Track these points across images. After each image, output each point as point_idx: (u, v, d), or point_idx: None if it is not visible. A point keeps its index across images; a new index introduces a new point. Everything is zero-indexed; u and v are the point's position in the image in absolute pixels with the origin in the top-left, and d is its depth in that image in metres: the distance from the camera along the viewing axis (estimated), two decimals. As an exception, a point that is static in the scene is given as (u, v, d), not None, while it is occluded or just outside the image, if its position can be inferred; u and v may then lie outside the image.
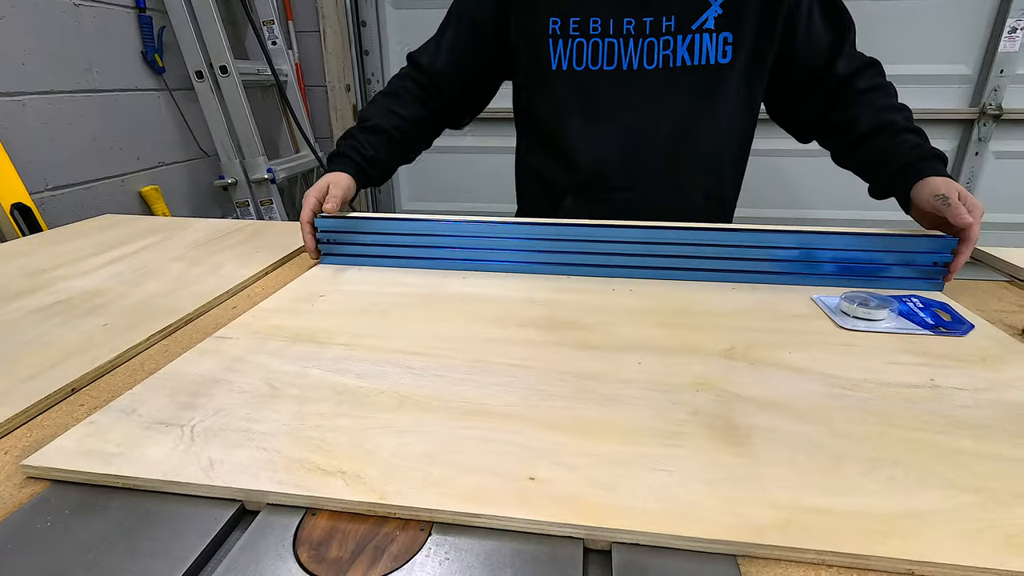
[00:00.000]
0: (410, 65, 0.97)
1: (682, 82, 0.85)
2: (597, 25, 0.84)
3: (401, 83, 0.96)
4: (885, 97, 0.84)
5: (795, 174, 2.04)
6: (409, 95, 0.94)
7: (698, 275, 0.75)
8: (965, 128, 1.94)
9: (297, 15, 2.11)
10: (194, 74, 1.53)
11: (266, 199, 1.65)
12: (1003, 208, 2.02)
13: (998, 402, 0.48)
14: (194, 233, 1.00)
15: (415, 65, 0.96)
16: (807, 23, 0.84)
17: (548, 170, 0.96)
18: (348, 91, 2.18)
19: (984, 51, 1.86)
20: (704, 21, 0.83)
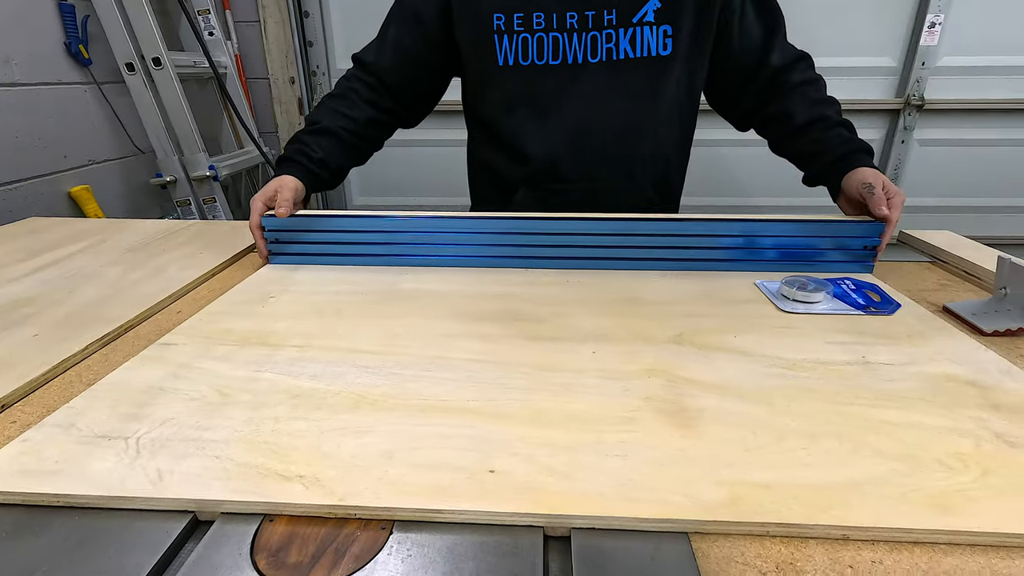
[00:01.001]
0: (356, 66, 0.95)
1: (626, 74, 0.87)
2: (540, 20, 0.85)
3: (348, 84, 0.94)
4: (817, 91, 0.89)
5: (738, 163, 2.11)
6: (357, 96, 0.92)
7: (648, 264, 0.78)
8: (892, 117, 2.06)
9: (235, 5, 2.02)
10: (124, 66, 1.44)
11: (209, 197, 1.58)
12: (928, 192, 2.16)
13: (921, 375, 0.52)
14: (132, 235, 0.95)
15: (361, 65, 0.94)
16: (741, 17, 0.88)
17: (499, 164, 0.97)
18: (293, 84, 2.11)
19: (907, 45, 1.97)
20: (644, 15, 0.85)
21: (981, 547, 0.34)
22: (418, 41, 0.92)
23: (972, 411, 0.46)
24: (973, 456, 0.40)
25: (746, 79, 0.91)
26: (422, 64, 0.94)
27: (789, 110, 0.88)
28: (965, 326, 0.62)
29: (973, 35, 1.94)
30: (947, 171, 2.13)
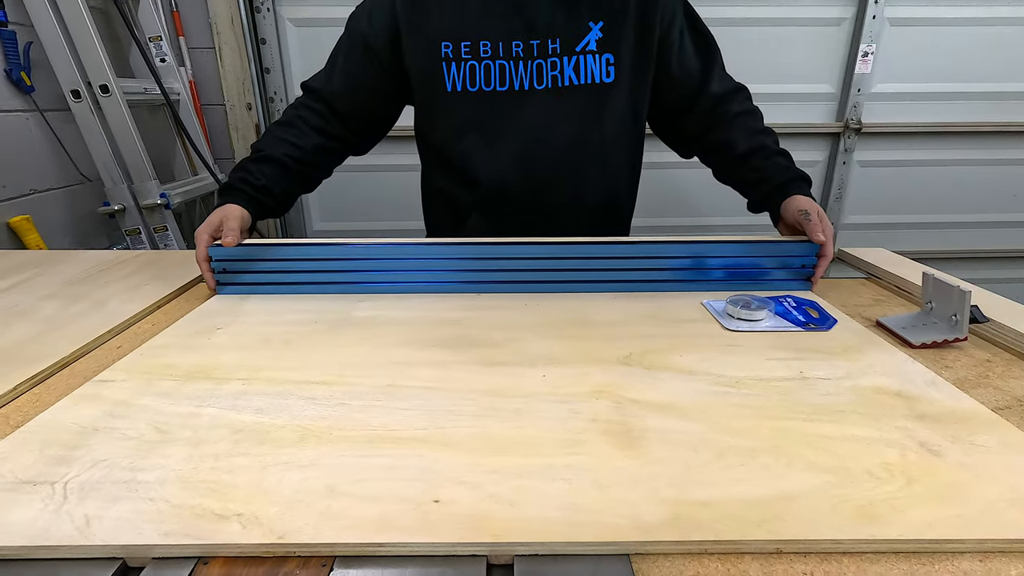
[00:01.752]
0: (305, 94, 0.96)
1: (571, 99, 0.90)
2: (487, 48, 0.87)
3: (296, 112, 0.94)
4: (755, 121, 0.94)
5: (689, 184, 2.18)
6: (304, 123, 0.92)
7: (600, 287, 0.79)
8: (833, 140, 2.17)
9: (189, 32, 2.00)
10: (70, 93, 1.41)
11: (160, 226, 1.54)
12: (871, 210, 2.27)
13: (854, 388, 0.54)
14: (73, 267, 0.92)
15: (310, 92, 0.95)
16: (679, 47, 0.93)
17: (451, 189, 0.98)
18: (250, 110, 2.09)
19: (844, 73, 2.10)
20: (586, 44, 0.88)
21: (904, 554, 0.35)
22: (367, 69, 0.93)
23: (899, 421, 0.48)
24: (899, 465, 0.42)
25: (687, 107, 0.95)
26: (371, 91, 0.95)
27: (730, 140, 0.92)
28: (896, 339, 0.66)
29: (902, 64, 2.08)
30: (886, 190, 2.25)
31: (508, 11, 0.87)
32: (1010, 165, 2.22)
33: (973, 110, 2.14)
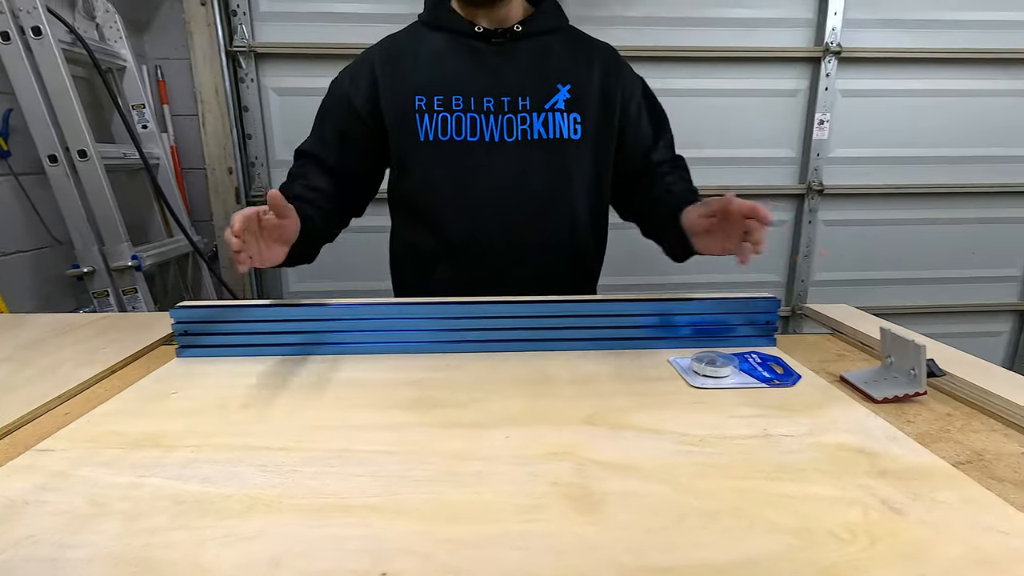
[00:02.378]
0: (300, 158, 0.99)
1: (540, 152, 0.94)
2: (459, 102, 0.92)
3: (300, 170, 0.97)
4: (679, 181, 0.99)
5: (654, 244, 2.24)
6: (305, 178, 0.95)
7: (566, 345, 0.79)
8: (798, 201, 2.26)
9: (173, 99, 2.05)
10: (46, 158, 1.42)
11: (129, 288, 1.52)
12: (837, 267, 2.34)
13: (817, 445, 0.54)
14: (30, 330, 0.89)
15: (304, 156, 0.99)
16: (636, 118, 0.99)
17: (420, 242, 0.99)
18: (231, 174, 2.12)
19: (803, 138, 2.22)
20: (555, 103, 0.93)
21: (868, 620, 0.34)
22: (353, 127, 0.97)
23: (861, 479, 0.48)
24: (861, 525, 0.42)
25: (634, 174, 1.01)
26: (359, 149, 0.98)
27: (655, 197, 0.97)
28: (859, 394, 0.66)
29: (856, 131, 2.21)
30: (851, 248, 2.33)
31: (481, 71, 0.93)
32: (966, 224, 2.33)
33: (926, 173, 2.26)
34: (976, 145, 2.24)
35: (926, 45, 2.12)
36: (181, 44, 2.01)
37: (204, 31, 1.98)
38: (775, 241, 2.30)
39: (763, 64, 2.12)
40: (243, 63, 2.02)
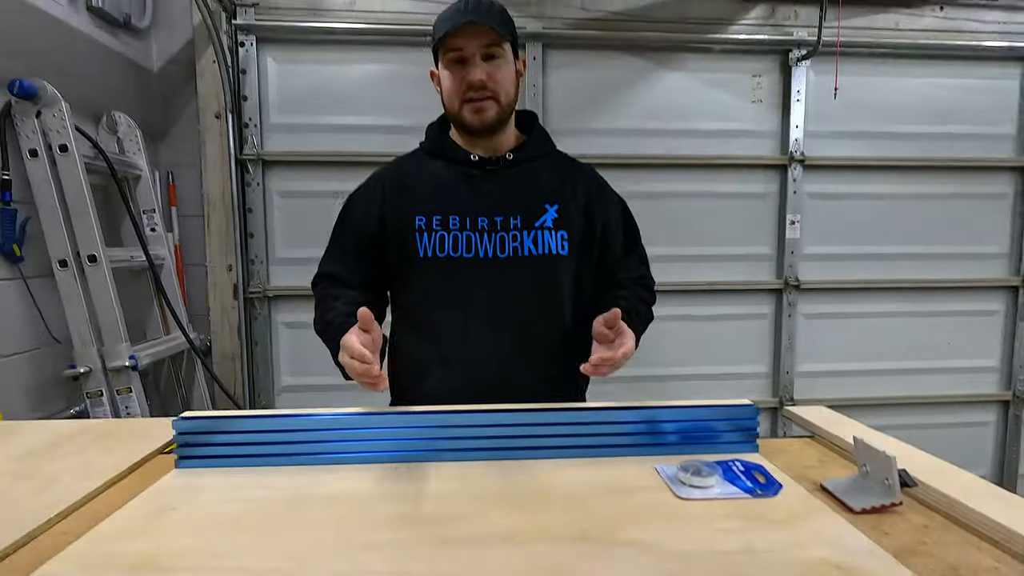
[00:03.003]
0: (325, 282, 1.06)
1: (530, 267, 1.01)
2: (456, 222, 1.00)
3: (325, 291, 1.04)
4: (630, 301, 1.04)
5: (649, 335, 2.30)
6: (341, 296, 1.01)
7: (556, 453, 0.81)
8: (777, 296, 2.36)
9: (182, 201, 2.17)
10: (57, 263, 1.48)
11: (124, 387, 1.53)
12: (820, 359, 2.40)
13: (797, 560, 0.56)
14: (26, 439, 0.90)
15: (327, 278, 1.06)
16: (614, 236, 1.09)
17: (416, 351, 1.04)
18: (230, 271, 2.20)
19: (777, 236, 2.35)
20: (544, 222, 1.02)
21: None
22: (366, 244, 1.05)
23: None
24: (840, 649, 0.43)
25: (605, 287, 1.09)
26: (375, 263, 1.06)
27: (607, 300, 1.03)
28: (839, 504, 0.69)
29: (825, 230, 2.35)
30: (833, 340, 2.40)
31: (476, 194, 1.02)
32: (940, 316, 2.42)
33: (895, 268, 2.39)
34: (938, 243, 2.39)
35: (878, 154, 2.33)
36: (194, 152, 2.16)
37: (216, 141, 2.13)
38: (759, 334, 2.38)
39: (736, 170, 2.30)
40: (250, 169, 2.16)
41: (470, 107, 0.97)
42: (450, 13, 0.96)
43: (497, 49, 0.96)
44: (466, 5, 0.95)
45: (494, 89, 0.96)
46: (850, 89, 2.25)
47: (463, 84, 0.96)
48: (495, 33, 0.95)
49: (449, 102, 1.00)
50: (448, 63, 0.97)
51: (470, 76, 0.95)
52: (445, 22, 0.95)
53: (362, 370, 0.82)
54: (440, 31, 0.96)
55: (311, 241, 2.24)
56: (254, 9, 2.09)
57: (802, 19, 2.25)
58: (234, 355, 2.23)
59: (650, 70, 2.25)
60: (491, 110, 0.97)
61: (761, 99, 2.30)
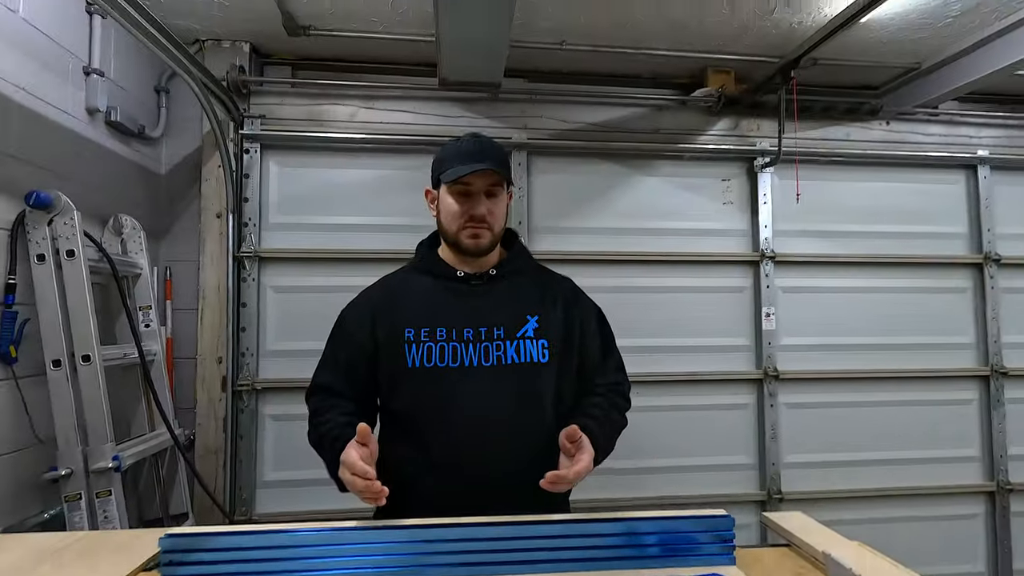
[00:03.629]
0: (321, 394, 1.11)
1: (513, 375, 1.07)
2: (443, 333, 1.07)
3: (321, 404, 1.09)
4: (602, 408, 1.10)
5: (636, 427, 2.32)
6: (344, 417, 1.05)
7: (541, 567, 0.83)
8: (757, 385, 2.42)
9: (177, 295, 2.23)
10: (51, 363, 1.51)
11: (104, 491, 1.51)
12: (805, 449, 2.41)
13: None
14: (6, 555, 0.89)
15: (323, 390, 1.11)
16: (591, 343, 1.16)
17: (405, 458, 1.07)
18: (220, 363, 2.22)
19: (754, 328, 2.44)
20: (525, 331, 1.09)
21: None
22: (358, 356, 1.11)
23: None
24: None
25: (583, 393, 1.14)
26: (367, 374, 1.11)
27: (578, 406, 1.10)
28: (812, 623, 0.71)
29: (800, 322, 2.45)
30: (815, 430, 2.43)
31: (462, 307, 1.09)
32: (917, 406, 2.47)
33: (870, 359, 2.46)
34: (908, 334, 2.49)
35: (842, 251, 2.48)
36: (193, 248, 2.25)
37: (216, 239, 2.23)
38: (742, 425, 2.40)
39: (711, 266, 2.43)
40: (247, 265, 2.24)
41: (468, 233, 1.07)
42: (461, 153, 1.08)
43: (498, 188, 1.09)
44: (477, 147, 1.08)
45: (491, 222, 1.08)
46: (812, 192, 2.44)
47: (466, 215, 1.06)
48: (499, 176, 1.07)
49: (448, 225, 1.09)
50: (454, 193, 1.08)
51: (474, 210, 1.06)
52: (456, 159, 1.07)
53: (364, 486, 0.87)
54: (450, 167, 1.06)
55: (302, 334, 2.32)
56: (260, 120, 2.26)
57: (763, 131, 2.47)
58: (217, 449, 2.20)
59: (627, 175, 2.43)
60: (486, 238, 1.08)
61: (732, 201, 2.47)
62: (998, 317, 2.51)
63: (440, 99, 2.35)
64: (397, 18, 2.05)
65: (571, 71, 2.44)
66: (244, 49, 2.25)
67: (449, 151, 1.10)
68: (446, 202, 1.09)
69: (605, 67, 2.41)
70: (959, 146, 2.56)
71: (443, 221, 1.11)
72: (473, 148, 1.08)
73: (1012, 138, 2.60)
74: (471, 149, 1.08)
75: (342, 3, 1.96)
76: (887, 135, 2.53)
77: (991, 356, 2.49)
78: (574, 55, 2.27)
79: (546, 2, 1.94)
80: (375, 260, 2.20)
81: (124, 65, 1.97)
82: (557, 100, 2.39)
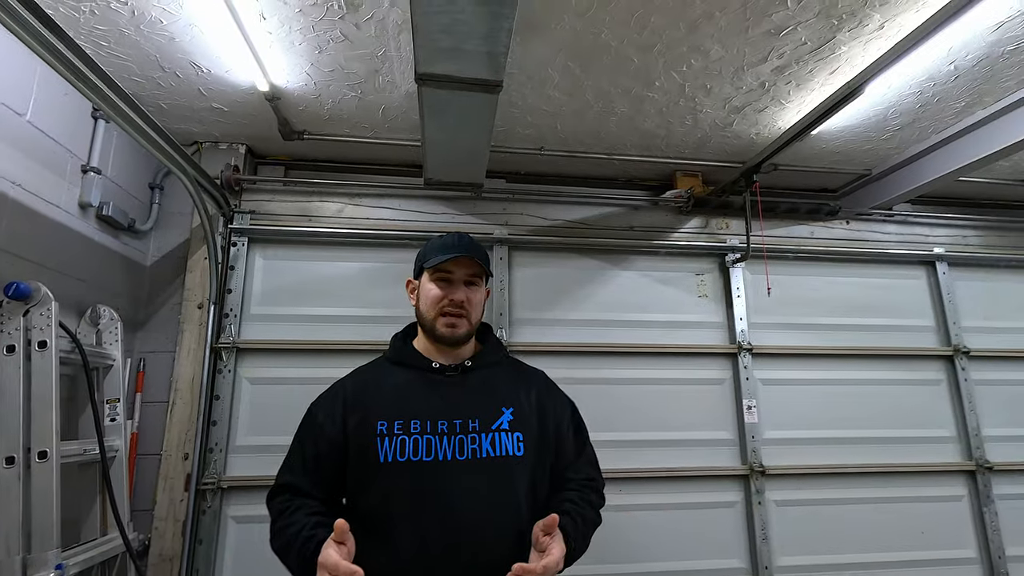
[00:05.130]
0: (286, 495, 1.07)
1: (488, 469, 1.04)
2: (416, 426, 1.05)
3: (283, 506, 1.05)
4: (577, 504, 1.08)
5: (628, 527, 2.21)
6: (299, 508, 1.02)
7: None
8: (744, 482, 2.35)
9: (148, 387, 2.17)
10: (3, 460, 1.43)
11: (40, 605, 1.38)
12: (799, 551, 2.31)
13: None
14: None
15: (287, 489, 1.07)
16: (566, 436, 1.15)
17: (373, 557, 1.00)
18: (186, 459, 2.12)
19: (736, 422, 2.42)
20: (500, 424, 1.08)
21: None
22: (329, 451, 1.08)
23: None
24: None
25: (556, 487, 1.12)
26: (335, 468, 1.08)
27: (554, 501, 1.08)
28: None
29: (781, 414, 2.44)
30: (807, 530, 2.34)
31: (436, 398, 1.08)
32: (908, 503, 2.41)
33: (855, 453, 2.43)
34: (889, 427, 2.48)
35: (815, 344, 2.53)
36: (170, 340, 2.22)
37: (195, 330, 2.21)
38: (731, 525, 2.31)
39: (689, 358, 2.45)
40: (224, 356, 2.21)
41: (445, 320, 1.10)
42: (445, 245, 1.14)
43: (477, 279, 1.14)
44: (459, 241, 1.14)
45: (468, 310, 1.11)
46: (783, 286, 2.53)
47: (445, 300, 1.10)
48: (479, 266, 1.12)
49: (427, 311, 1.12)
50: (435, 280, 1.12)
51: (453, 295, 1.10)
52: (440, 251, 1.12)
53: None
54: (433, 256, 1.12)
55: (273, 428, 2.24)
56: (250, 215, 2.33)
57: (732, 228, 2.61)
58: (173, 556, 2.04)
59: (604, 269, 2.51)
60: (462, 327, 1.11)
61: (706, 294, 2.55)
62: (975, 410, 2.52)
63: (424, 197, 2.46)
64: (386, 124, 2.20)
65: (549, 173, 2.60)
66: (240, 150, 2.37)
67: (433, 244, 1.16)
68: (426, 288, 1.13)
69: (581, 170, 2.57)
70: (916, 243, 2.71)
71: (422, 308, 1.14)
72: (455, 241, 1.15)
73: (964, 237, 2.77)
74: (453, 242, 1.15)
75: (336, 111, 2.11)
76: (848, 233, 2.68)
77: (974, 450, 2.48)
78: (552, 159, 2.43)
79: (526, 112, 2.10)
80: (352, 351, 2.19)
81: (121, 163, 2.06)
82: (536, 199, 2.53)
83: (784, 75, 1.87)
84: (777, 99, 2.00)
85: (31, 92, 1.64)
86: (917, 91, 1.95)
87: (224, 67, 1.83)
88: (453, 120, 1.75)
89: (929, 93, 1.96)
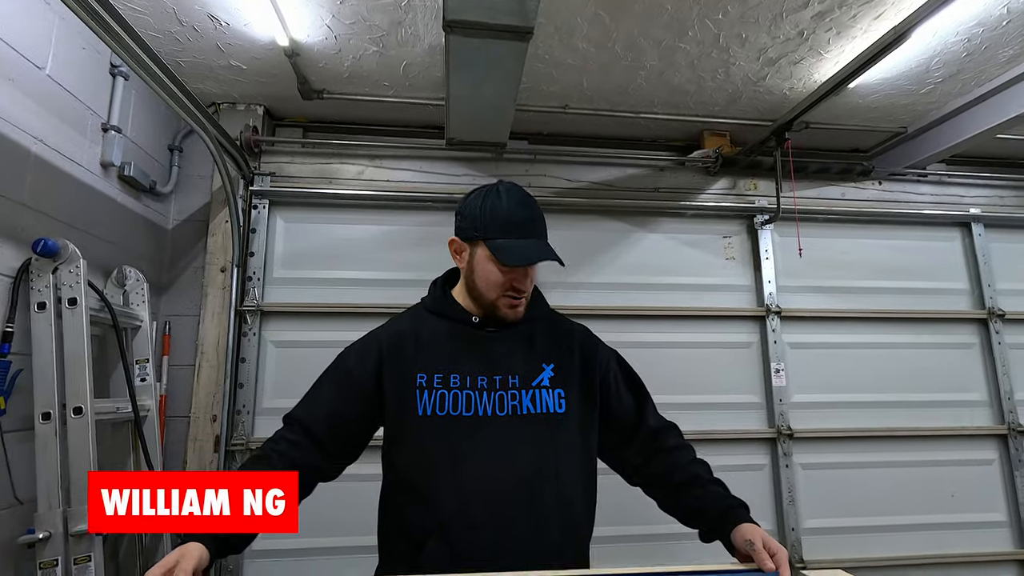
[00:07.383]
0: (285, 426, 1.04)
1: (529, 426, 1.01)
2: (456, 380, 1.01)
3: (272, 446, 1.01)
4: (688, 454, 1.06)
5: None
6: (278, 456, 0.98)
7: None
8: (771, 445, 2.33)
9: (175, 350, 2.17)
10: (40, 415, 1.44)
11: (83, 556, 1.40)
12: (826, 513, 2.30)
13: None
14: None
15: (292, 422, 1.04)
16: (616, 389, 1.10)
17: (411, 518, 0.99)
18: (214, 422, 2.13)
19: (764, 385, 2.39)
20: (541, 380, 1.04)
21: None
22: (349, 399, 1.04)
23: None
24: None
25: (627, 439, 1.09)
26: (351, 422, 1.04)
27: (667, 470, 1.04)
28: None
29: (810, 378, 2.40)
30: (834, 493, 2.32)
31: (476, 353, 1.05)
32: (936, 467, 2.38)
33: (884, 416, 2.40)
34: (920, 391, 2.44)
35: (847, 307, 2.48)
36: (195, 303, 2.22)
37: (219, 294, 2.21)
38: (758, 487, 2.30)
39: (716, 321, 2.41)
40: (248, 320, 2.21)
41: (507, 302, 1.04)
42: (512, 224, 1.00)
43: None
44: (527, 216, 1.02)
45: (529, 292, 1.06)
46: (812, 249, 2.47)
47: (509, 285, 1.02)
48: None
49: (487, 291, 1.04)
50: (501, 264, 1.01)
51: (521, 284, 1.03)
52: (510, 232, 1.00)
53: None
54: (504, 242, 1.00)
55: (300, 391, 2.19)
56: (270, 178, 2.30)
57: (761, 189, 2.54)
58: (204, 515, 2.07)
59: (630, 231, 2.46)
60: (523, 307, 1.06)
61: (734, 256, 2.50)
62: (1008, 374, 2.47)
63: (445, 158, 2.41)
64: (407, 82, 2.14)
65: (573, 133, 2.53)
66: (258, 111, 2.33)
67: (496, 214, 1.01)
68: (486, 268, 1.02)
69: (606, 130, 2.50)
70: (951, 204, 2.62)
71: (479, 284, 1.04)
72: (523, 218, 1.01)
73: (1001, 198, 2.68)
74: (522, 220, 1.01)
75: (356, 68, 2.05)
76: (881, 195, 2.60)
77: (1006, 414, 2.44)
78: (576, 118, 2.36)
79: (551, 67, 2.03)
80: (376, 314, 2.17)
81: (141, 124, 2.03)
82: (560, 160, 2.47)
83: (825, 21, 1.78)
84: (815, 49, 1.92)
85: (49, 45, 1.60)
86: (964, 38, 1.85)
87: (243, 20, 1.78)
88: (481, 72, 1.70)
89: (977, 40, 1.86)
